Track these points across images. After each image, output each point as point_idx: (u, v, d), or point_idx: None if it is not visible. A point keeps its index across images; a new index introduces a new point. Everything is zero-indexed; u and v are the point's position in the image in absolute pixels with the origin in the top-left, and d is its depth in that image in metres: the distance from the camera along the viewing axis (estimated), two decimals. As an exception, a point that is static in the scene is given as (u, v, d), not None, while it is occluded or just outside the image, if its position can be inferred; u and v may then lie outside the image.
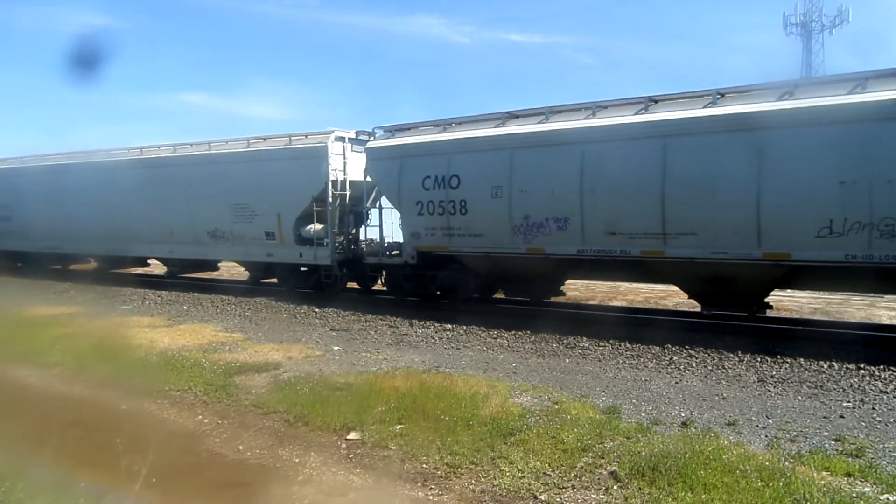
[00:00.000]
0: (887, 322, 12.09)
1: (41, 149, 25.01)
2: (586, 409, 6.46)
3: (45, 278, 19.03)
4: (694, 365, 8.55)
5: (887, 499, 4.45)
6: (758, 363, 8.49)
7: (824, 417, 6.36)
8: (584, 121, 11.00)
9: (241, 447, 5.96)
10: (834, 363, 8.29)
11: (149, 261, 20.44)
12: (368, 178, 14.43)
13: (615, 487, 4.70)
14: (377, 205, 15.19)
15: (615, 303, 15.03)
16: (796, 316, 12.86)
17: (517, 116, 12.09)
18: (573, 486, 4.77)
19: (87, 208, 18.29)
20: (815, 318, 11.66)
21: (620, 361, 8.86)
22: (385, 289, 15.03)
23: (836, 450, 5.41)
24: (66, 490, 4.71)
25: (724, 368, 8.34)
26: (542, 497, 4.64)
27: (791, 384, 7.56)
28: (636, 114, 10.52)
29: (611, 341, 9.85)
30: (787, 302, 14.63)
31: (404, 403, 6.53)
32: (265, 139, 15.83)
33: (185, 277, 18.66)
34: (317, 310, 13.22)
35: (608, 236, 10.64)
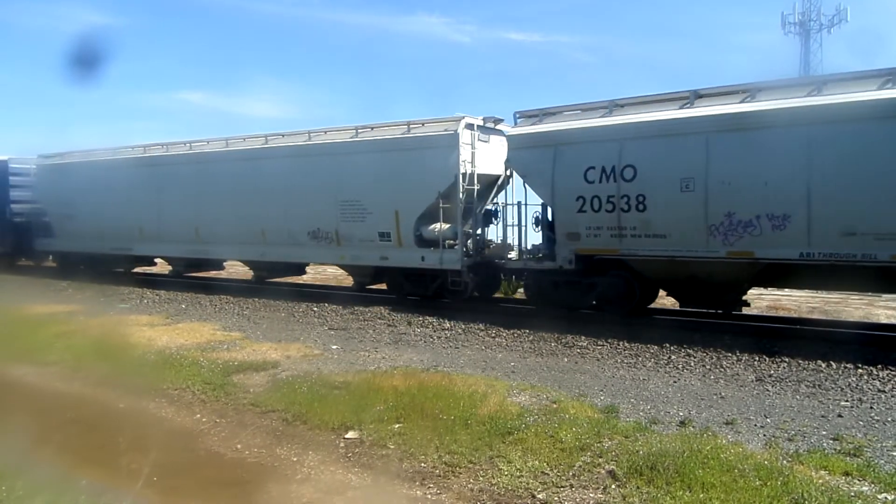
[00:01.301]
0: (885, 321, 12.10)
1: (89, 143, 24.24)
2: (584, 409, 6.47)
3: (45, 276, 19.00)
4: (692, 364, 8.55)
5: (885, 498, 4.45)
6: (756, 362, 8.50)
7: (822, 416, 6.36)
8: (807, 98, 9.31)
9: (239, 446, 5.95)
10: (832, 362, 8.30)
11: (224, 263, 18.76)
12: (509, 171, 13.15)
13: (613, 486, 4.70)
14: (495, 201, 13.92)
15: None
16: (794, 315, 12.87)
17: (704, 96, 10.38)
18: (571, 485, 4.78)
19: (165, 206, 17.07)
20: (814, 317, 11.67)
21: (619, 361, 8.87)
22: (522, 298, 13.23)
23: (835, 449, 5.41)
24: (66, 489, 4.71)
25: (723, 368, 8.35)
26: (540, 496, 4.64)
27: (789, 383, 7.57)
28: (880, 88, 8.85)
29: (609, 340, 9.85)
30: (784, 301, 14.65)
31: (403, 402, 6.53)
32: (373, 128, 14.14)
33: (277, 283, 16.80)
34: (315, 308, 13.21)
35: (844, 237, 8.87)
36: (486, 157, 13.10)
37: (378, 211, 13.47)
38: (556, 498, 4.61)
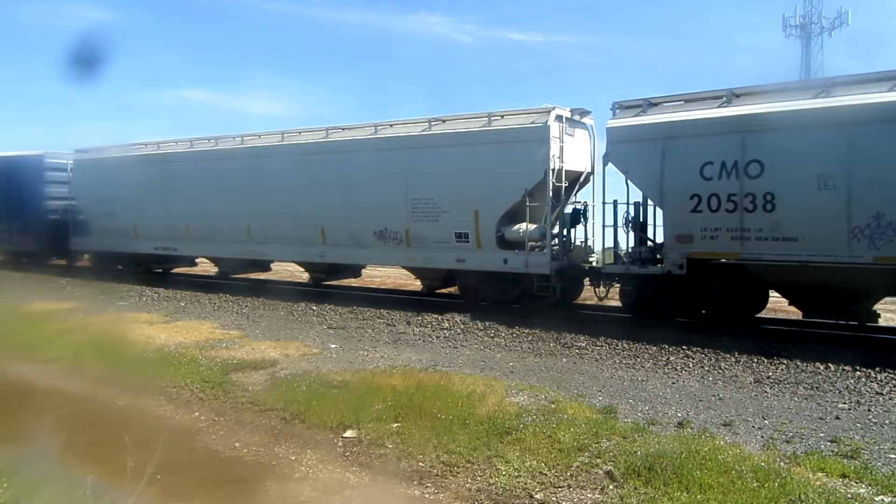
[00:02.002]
0: (884, 324, 12.10)
1: (128, 137, 24.05)
2: (583, 409, 6.47)
3: (44, 273, 18.98)
4: (691, 365, 8.56)
5: (882, 500, 4.46)
6: (754, 364, 8.51)
7: (820, 419, 6.37)
8: None
9: (237, 444, 5.96)
10: (830, 364, 8.31)
11: (271, 265, 17.80)
12: (588, 168, 12.38)
13: (611, 487, 4.71)
14: (577, 200, 12.99)
15: (612, 303, 15.04)
16: (793, 317, 12.88)
17: (841, 85, 9.48)
18: (569, 486, 4.78)
19: (213, 204, 16.03)
20: (812, 319, 11.66)
21: (617, 361, 8.88)
22: (619, 305, 12.05)
23: (832, 451, 5.42)
24: (64, 486, 4.71)
25: (721, 369, 8.36)
26: (538, 496, 4.65)
27: (787, 385, 7.58)
28: None
29: (608, 341, 9.86)
30: (783, 303, 14.65)
31: (401, 402, 6.54)
32: (444, 121, 13.09)
33: (332, 286, 15.82)
34: (314, 307, 13.21)
35: None
36: (571, 151, 12.24)
37: (454, 210, 12.49)
38: (553, 498, 4.62)
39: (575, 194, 12.95)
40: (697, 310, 10.76)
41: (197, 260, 19.23)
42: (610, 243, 11.99)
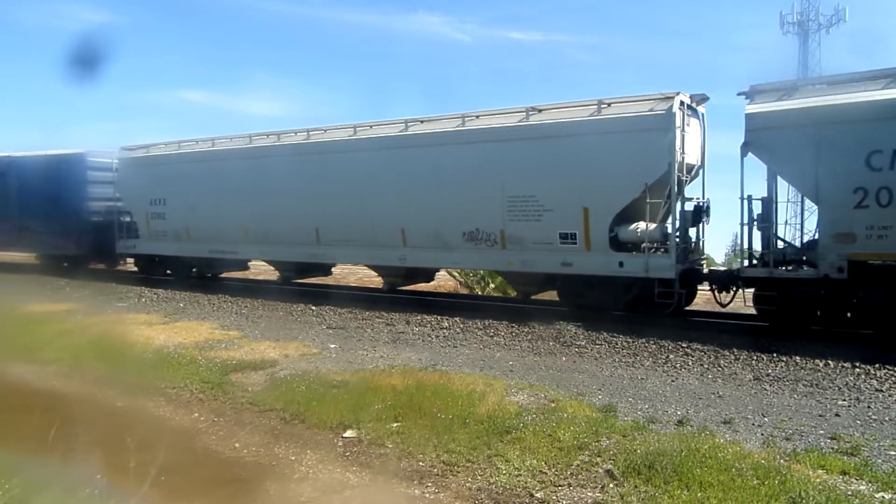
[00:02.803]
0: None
1: (156, 136, 23.42)
2: (583, 408, 6.47)
3: (42, 274, 18.96)
4: (690, 363, 8.56)
5: (882, 497, 4.46)
6: (754, 361, 8.51)
7: (820, 416, 6.37)
8: None
9: (237, 444, 5.96)
10: (830, 361, 8.32)
11: (332, 268, 16.80)
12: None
13: (611, 485, 4.71)
14: (690, 195, 11.70)
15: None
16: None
17: None
18: (569, 484, 4.78)
19: (276, 204, 14.82)
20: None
21: (617, 360, 8.88)
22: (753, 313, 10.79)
23: (832, 448, 5.42)
24: (64, 487, 4.70)
25: (721, 367, 8.36)
26: (538, 495, 4.65)
27: (787, 382, 7.58)
28: None
29: (607, 339, 9.86)
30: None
31: (401, 401, 6.53)
32: (540, 110, 11.92)
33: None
34: (313, 307, 13.20)
35: None
36: (689, 142, 11.14)
37: (559, 208, 11.30)
38: (553, 497, 4.62)
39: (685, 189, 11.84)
40: (854, 320, 9.50)
41: (249, 264, 18.36)
42: (727, 243, 11.08)
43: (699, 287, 11.76)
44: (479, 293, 16.80)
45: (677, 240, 10.72)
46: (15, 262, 21.76)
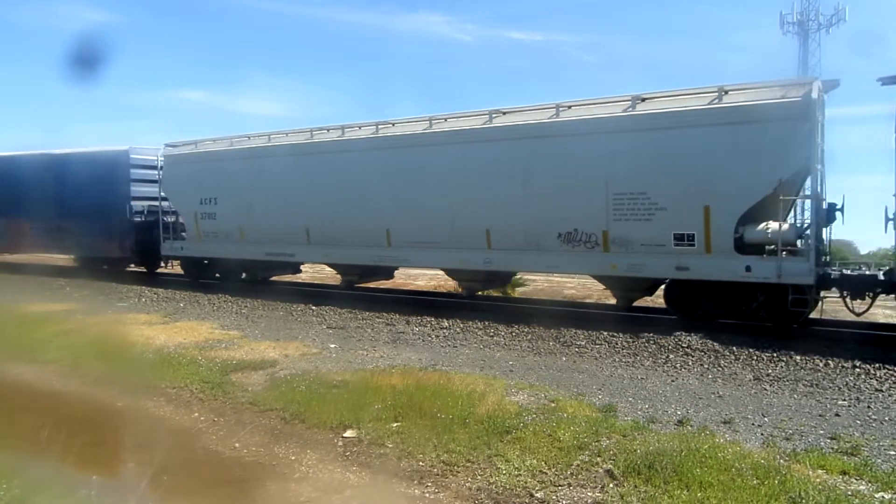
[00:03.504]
0: (883, 321, 12.14)
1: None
2: (583, 407, 6.47)
3: (41, 275, 18.95)
4: (690, 363, 8.57)
5: (882, 497, 4.46)
6: (754, 361, 8.52)
7: (820, 416, 6.38)
8: None
9: (237, 444, 5.96)
10: (830, 362, 8.32)
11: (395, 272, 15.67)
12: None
13: (611, 485, 4.71)
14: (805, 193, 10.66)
15: (612, 301, 15.04)
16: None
17: None
18: (569, 484, 4.78)
19: (341, 203, 13.73)
20: (811, 316, 11.66)
21: (617, 360, 8.88)
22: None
23: (832, 448, 5.42)
24: (64, 487, 4.71)
25: (720, 367, 8.36)
26: (538, 495, 4.65)
27: (787, 382, 7.59)
28: None
29: (607, 339, 9.86)
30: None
31: (401, 401, 6.53)
32: (643, 98, 10.81)
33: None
34: (314, 307, 13.20)
35: None
36: (823, 133, 10.12)
37: (675, 206, 10.21)
38: (553, 497, 4.62)
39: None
40: None
41: (301, 267, 17.51)
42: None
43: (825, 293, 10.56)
44: (479, 293, 16.73)
45: (811, 241, 9.71)
46: (15, 263, 21.75)
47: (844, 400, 6.92)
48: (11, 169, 19.98)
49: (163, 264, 18.71)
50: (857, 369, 8.00)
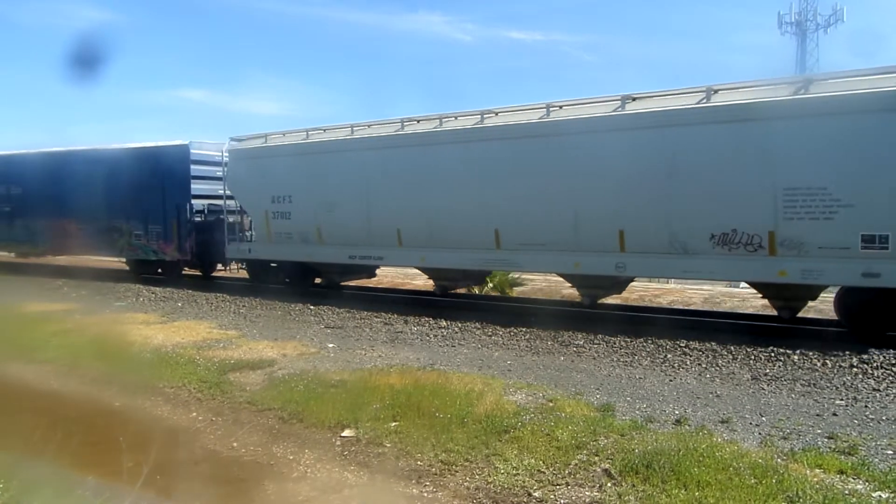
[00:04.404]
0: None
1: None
2: (581, 407, 6.48)
3: (39, 275, 18.91)
4: (688, 363, 8.57)
5: (879, 496, 4.47)
6: (752, 361, 8.52)
7: (817, 415, 6.39)
8: None
9: (235, 444, 5.96)
10: (827, 361, 8.33)
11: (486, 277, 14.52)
12: None
13: (609, 484, 4.71)
14: None
15: (610, 300, 15.05)
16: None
17: None
18: (567, 484, 4.79)
19: (439, 200, 12.39)
20: (809, 315, 11.68)
21: (615, 359, 8.89)
22: None
23: (829, 447, 5.43)
24: (62, 487, 4.70)
25: (718, 366, 8.37)
26: (536, 494, 4.65)
27: (784, 382, 7.60)
28: None
29: (605, 339, 9.86)
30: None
31: (399, 401, 6.54)
32: (808, 80, 9.54)
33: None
34: (312, 307, 13.19)
35: None
36: None
37: (864, 203, 8.87)
38: (552, 496, 4.62)
39: None
40: None
41: (377, 271, 16.45)
42: None
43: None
44: (478, 292, 16.76)
45: None
46: (16, 263, 21.72)
47: (842, 399, 6.93)
48: (58, 165, 18.60)
49: (220, 267, 17.54)
50: (855, 369, 8.01)
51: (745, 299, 14.90)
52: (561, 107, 11.32)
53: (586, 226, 10.86)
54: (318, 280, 15.54)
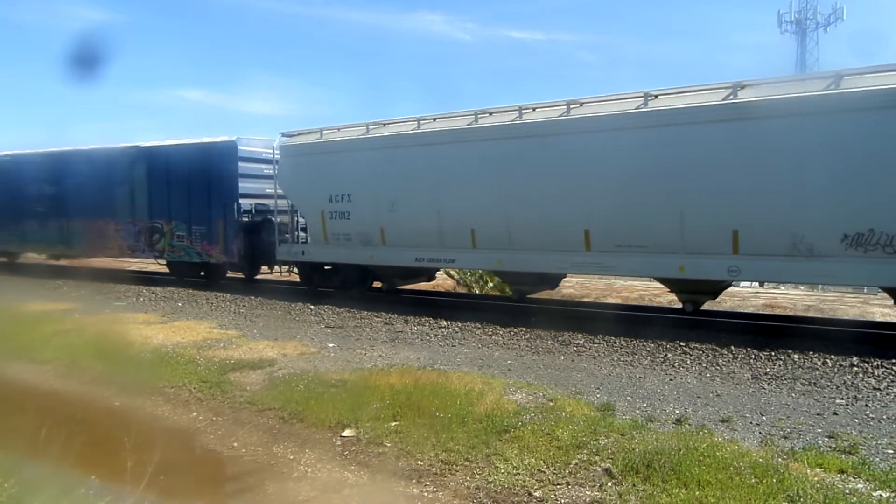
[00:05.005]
0: (880, 319, 12.15)
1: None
2: (581, 406, 6.48)
3: (39, 275, 18.90)
4: (688, 362, 8.57)
5: (880, 495, 4.47)
6: (752, 360, 8.52)
7: (818, 414, 6.39)
8: None
9: (235, 444, 5.95)
10: (828, 360, 8.33)
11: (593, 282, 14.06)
12: None
13: (609, 484, 4.71)
14: None
15: (610, 300, 15.06)
16: (790, 313, 12.91)
17: None
18: (568, 483, 4.79)
19: (522, 198, 11.28)
20: (809, 315, 11.70)
21: (615, 358, 8.88)
22: None
23: (830, 446, 5.43)
24: (62, 487, 4.70)
25: (719, 365, 8.37)
26: (536, 494, 4.65)
27: (785, 381, 7.60)
28: None
29: (605, 338, 9.86)
30: (780, 299, 14.70)
31: (399, 400, 6.54)
32: None
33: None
34: (312, 307, 13.19)
35: None
36: None
37: None
38: (552, 496, 4.62)
39: None
40: None
41: (437, 274, 15.52)
42: None
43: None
44: (478, 292, 16.76)
45: None
46: (15, 263, 21.72)
47: (842, 398, 6.93)
48: (94, 163, 17.67)
49: (267, 269, 16.48)
50: (855, 368, 8.01)
51: (745, 299, 14.91)
52: (657, 96, 10.17)
53: (693, 226, 9.83)
54: (375, 284, 14.65)
